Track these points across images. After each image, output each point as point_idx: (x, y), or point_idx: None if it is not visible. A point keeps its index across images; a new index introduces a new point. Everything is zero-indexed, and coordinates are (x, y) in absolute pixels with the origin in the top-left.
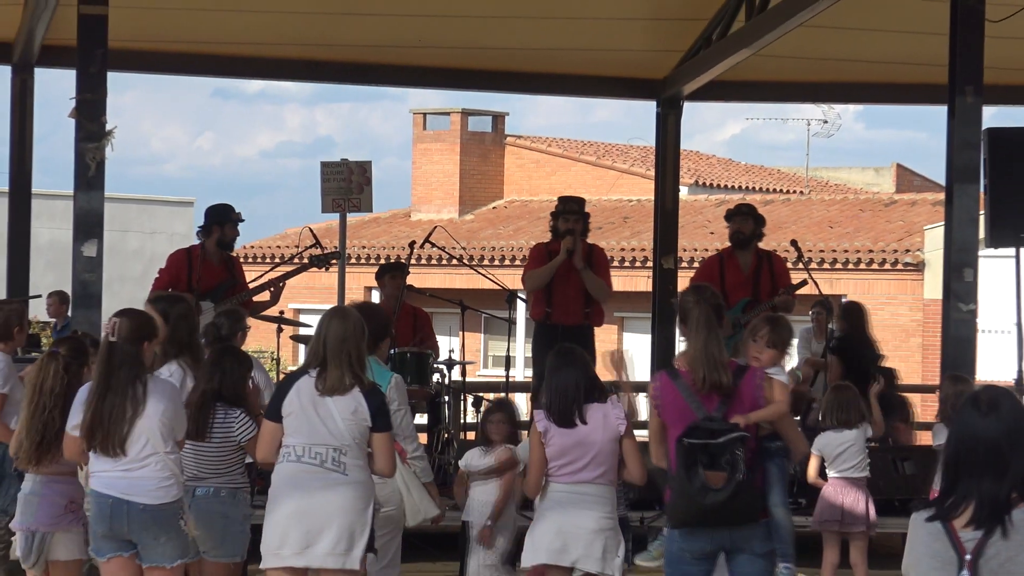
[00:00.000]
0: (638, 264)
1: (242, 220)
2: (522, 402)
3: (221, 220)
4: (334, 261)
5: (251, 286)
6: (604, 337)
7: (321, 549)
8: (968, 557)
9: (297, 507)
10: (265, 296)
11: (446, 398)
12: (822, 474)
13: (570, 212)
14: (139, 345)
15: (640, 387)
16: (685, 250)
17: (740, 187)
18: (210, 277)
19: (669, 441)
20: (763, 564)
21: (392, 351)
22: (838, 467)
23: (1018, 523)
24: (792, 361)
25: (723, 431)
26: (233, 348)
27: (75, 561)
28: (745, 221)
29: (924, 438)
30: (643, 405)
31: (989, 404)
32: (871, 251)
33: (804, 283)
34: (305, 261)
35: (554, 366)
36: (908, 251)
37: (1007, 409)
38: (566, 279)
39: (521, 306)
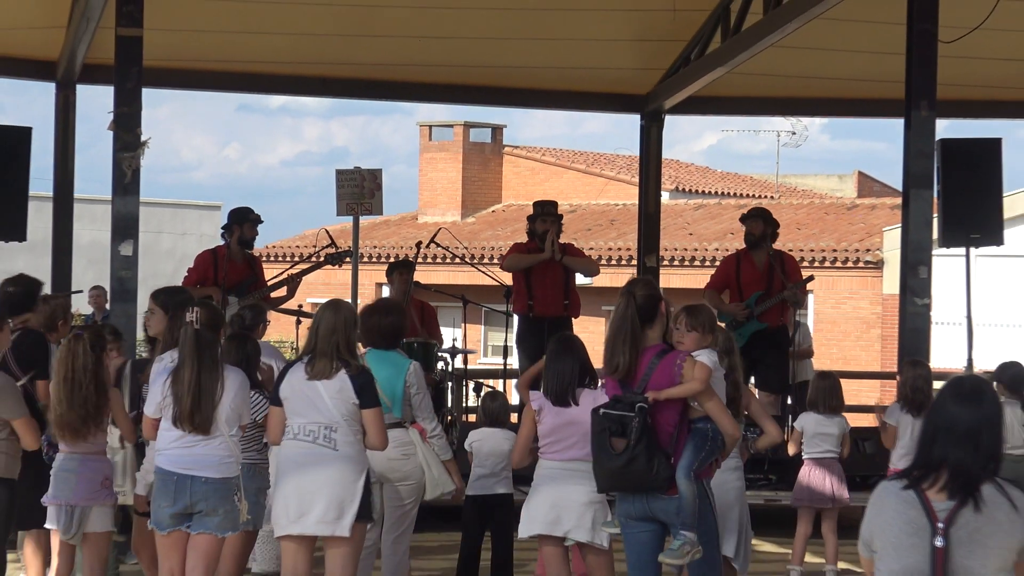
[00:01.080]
0: (624, 263)
1: (260, 221)
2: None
3: (240, 220)
4: (347, 259)
5: (270, 282)
6: (593, 329)
7: (313, 517)
8: (941, 525)
9: (295, 481)
10: (283, 291)
11: (449, 384)
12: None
13: (547, 215)
14: (217, 332)
15: None
16: (666, 250)
17: (716, 193)
18: (234, 274)
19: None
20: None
21: (403, 341)
22: (816, 448)
23: (987, 497)
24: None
25: (630, 402)
26: (243, 335)
27: (107, 532)
28: (755, 224)
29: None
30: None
31: (972, 391)
32: (835, 250)
33: (811, 278)
34: (321, 259)
35: (555, 351)
36: (868, 251)
37: (989, 398)
38: (545, 275)
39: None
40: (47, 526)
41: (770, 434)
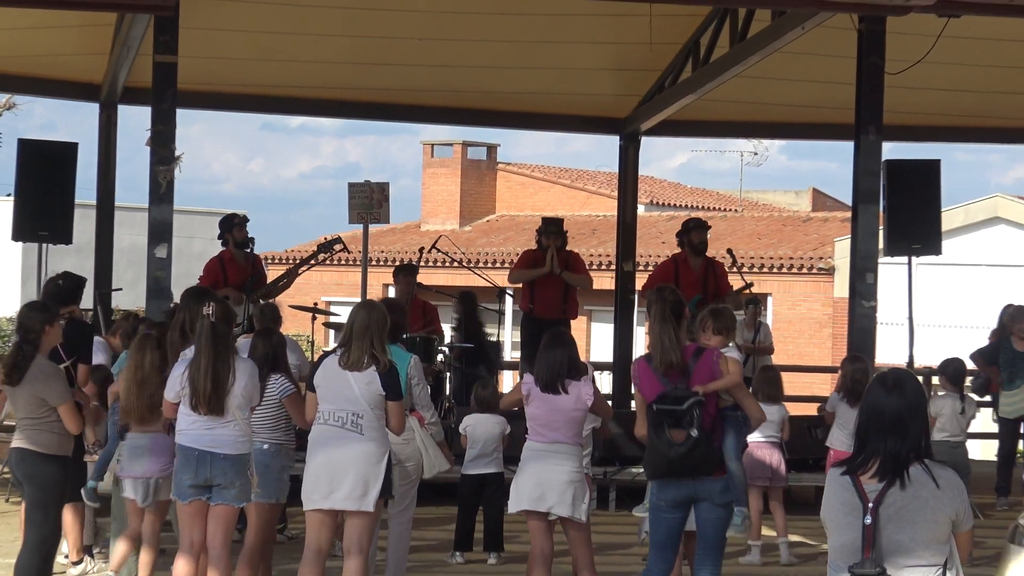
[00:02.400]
0: (604, 267)
1: (247, 220)
2: (508, 376)
3: (228, 227)
4: (336, 247)
5: (271, 278)
6: (575, 326)
7: (341, 494)
8: (870, 505)
9: (324, 460)
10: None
11: (448, 374)
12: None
13: (550, 232)
14: (230, 326)
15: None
16: (641, 256)
17: (686, 206)
18: (238, 274)
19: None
20: (723, 512)
21: (404, 336)
22: (763, 432)
23: (913, 477)
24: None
25: (685, 398)
26: (270, 329)
27: (169, 499)
28: (704, 233)
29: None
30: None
31: (895, 383)
32: (791, 258)
33: (750, 285)
34: (315, 250)
35: (548, 344)
36: (821, 259)
37: (910, 388)
38: (546, 286)
39: (508, 299)
40: (125, 495)
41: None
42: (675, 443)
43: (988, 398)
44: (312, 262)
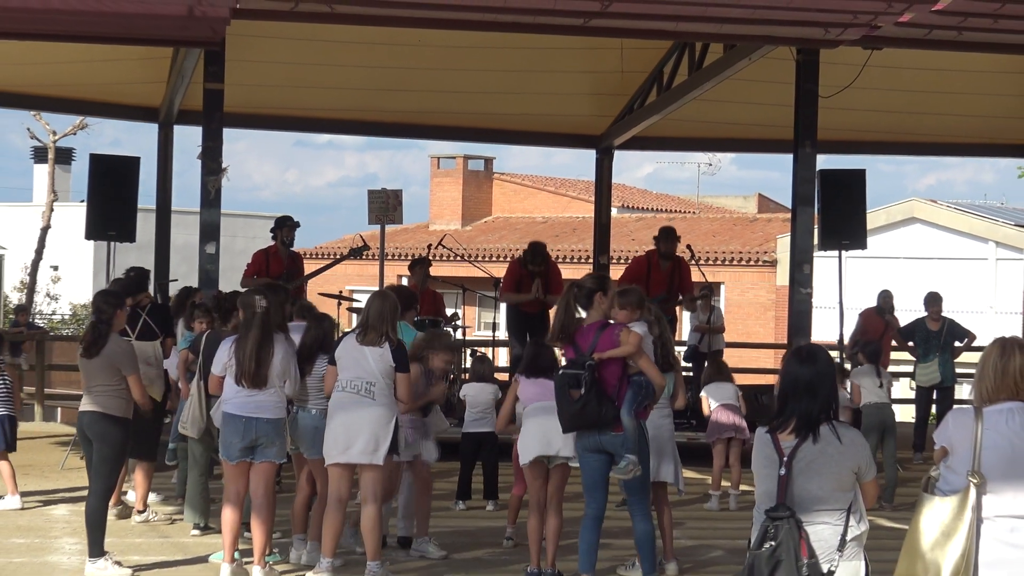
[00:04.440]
0: (583, 261)
1: (298, 225)
2: (502, 352)
3: (281, 225)
4: (365, 252)
5: (306, 272)
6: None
7: (356, 450)
8: (785, 458)
9: (342, 421)
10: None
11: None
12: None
13: (537, 262)
14: (281, 317)
15: None
16: (615, 251)
17: (652, 208)
18: (278, 267)
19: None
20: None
21: (417, 319)
22: (720, 400)
23: (823, 435)
24: (687, 324)
25: (583, 364)
26: (323, 315)
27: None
28: (673, 244)
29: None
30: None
31: (808, 354)
32: (740, 252)
33: (707, 286)
34: (346, 252)
35: (532, 354)
36: (766, 253)
37: (822, 359)
38: (532, 302)
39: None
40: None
41: (680, 398)
42: (573, 400)
43: (910, 368)
44: (342, 260)
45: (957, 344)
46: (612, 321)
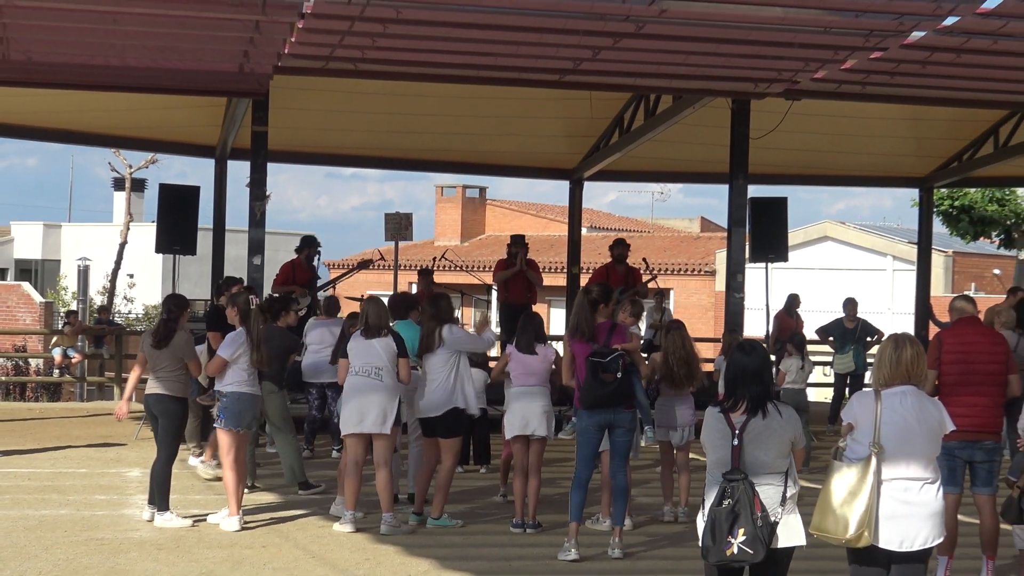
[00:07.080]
0: (559, 271)
1: (320, 245)
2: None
3: (307, 245)
4: (370, 264)
5: (323, 283)
6: (539, 310)
7: (368, 422)
8: (737, 431)
9: (356, 399)
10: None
11: None
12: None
13: (517, 245)
14: (265, 312)
15: (553, 338)
16: (585, 263)
17: (615, 228)
18: (303, 275)
19: (577, 368)
20: (629, 435)
21: (418, 319)
22: None
23: (769, 411)
24: (643, 322)
25: (609, 353)
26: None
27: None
28: (625, 250)
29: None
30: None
31: (750, 347)
32: (687, 264)
33: (655, 276)
34: (355, 265)
35: (524, 323)
36: (707, 264)
37: (760, 351)
38: (516, 281)
39: (494, 293)
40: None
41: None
42: (607, 383)
43: (827, 359)
44: (354, 272)
45: (869, 339)
46: (617, 323)
